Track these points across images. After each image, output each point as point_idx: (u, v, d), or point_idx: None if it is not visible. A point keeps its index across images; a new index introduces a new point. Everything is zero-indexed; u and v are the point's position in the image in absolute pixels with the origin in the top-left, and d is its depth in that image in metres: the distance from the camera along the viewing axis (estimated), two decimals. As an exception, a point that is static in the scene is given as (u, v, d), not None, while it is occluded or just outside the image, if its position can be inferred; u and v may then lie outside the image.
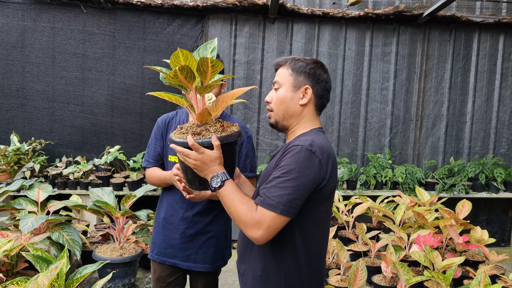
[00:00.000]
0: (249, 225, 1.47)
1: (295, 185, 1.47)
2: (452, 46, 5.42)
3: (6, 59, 4.97)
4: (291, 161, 1.50)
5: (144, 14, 5.04)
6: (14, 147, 4.63)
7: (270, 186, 1.49)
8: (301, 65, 1.68)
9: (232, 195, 1.51)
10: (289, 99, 1.67)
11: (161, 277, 2.39)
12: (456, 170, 5.19)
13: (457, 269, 2.78)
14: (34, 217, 2.61)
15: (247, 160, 2.29)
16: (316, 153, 1.51)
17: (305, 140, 1.55)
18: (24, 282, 1.78)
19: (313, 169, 1.50)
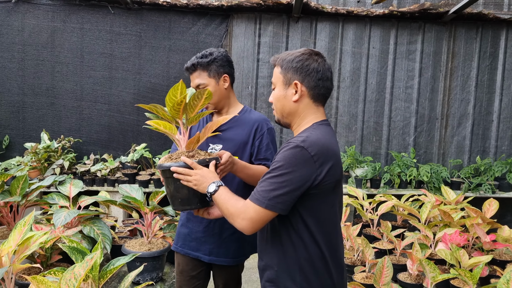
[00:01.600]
0: (235, 215, 1.58)
1: (282, 180, 1.51)
2: (478, 44, 5.35)
3: (36, 59, 5.12)
4: (282, 157, 1.53)
5: (169, 14, 5.12)
6: (44, 144, 4.77)
7: (261, 181, 1.57)
8: (288, 60, 1.66)
9: (224, 195, 1.64)
10: (282, 97, 1.68)
11: (184, 270, 2.44)
12: (482, 169, 5.12)
13: (484, 268, 2.76)
14: (66, 211, 2.69)
15: (268, 151, 2.30)
16: (308, 149, 1.51)
17: (300, 137, 1.56)
18: (61, 272, 1.85)
19: (303, 165, 1.51)
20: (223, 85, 2.29)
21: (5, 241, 2.14)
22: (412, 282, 2.71)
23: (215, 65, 2.25)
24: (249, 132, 2.28)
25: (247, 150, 2.28)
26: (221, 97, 2.30)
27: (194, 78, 2.27)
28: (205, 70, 2.24)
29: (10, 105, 5.17)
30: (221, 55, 2.29)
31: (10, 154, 5.15)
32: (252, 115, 2.33)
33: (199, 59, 2.26)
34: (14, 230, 2.12)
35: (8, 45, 5.09)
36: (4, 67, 5.11)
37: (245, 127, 2.29)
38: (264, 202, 1.52)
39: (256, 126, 2.29)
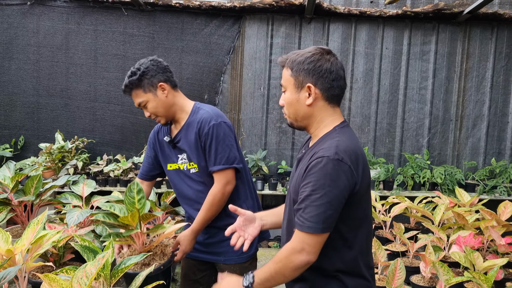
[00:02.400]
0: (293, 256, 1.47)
1: (329, 200, 1.43)
2: (494, 44, 5.28)
3: (51, 60, 5.18)
4: (320, 176, 1.44)
5: (182, 15, 5.14)
6: (58, 145, 4.82)
7: (305, 207, 1.46)
8: (299, 61, 1.56)
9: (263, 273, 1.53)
10: (295, 101, 1.59)
11: (187, 274, 2.44)
12: (498, 171, 5.05)
13: (499, 271, 2.72)
14: (79, 211, 2.71)
15: (211, 152, 2.17)
16: (344, 160, 1.45)
17: (330, 147, 1.48)
18: (72, 271, 1.87)
19: (344, 177, 1.44)
20: (162, 95, 2.18)
21: (18, 240, 2.17)
22: (425, 285, 2.67)
23: (146, 79, 2.15)
24: (195, 135, 2.20)
25: (199, 152, 2.21)
26: (165, 107, 2.20)
27: (134, 98, 2.20)
28: (138, 87, 2.15)
29: (25, 106, 5.24)
30: (150, 65, 2.18)
31: (25, 155, 5.22)
32: (198, 116, 2.21)
33: (129, 78, 2.17)
34: (27, 228, 2.14)
35: (24, 46, 5.15)
36: (20, 69, 5.18)
37: (192, 129, 2.21)
38: (319, 227, 1.43)
39: (198, 127, 2.18)
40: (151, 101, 2.17)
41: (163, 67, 2.23)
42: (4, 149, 5.02)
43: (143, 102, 2.18)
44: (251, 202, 2.41)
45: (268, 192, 4.97)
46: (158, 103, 2.18)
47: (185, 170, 2.29)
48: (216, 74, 5.23)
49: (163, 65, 2.24)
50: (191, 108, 2.26)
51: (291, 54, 1.61)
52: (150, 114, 2.21)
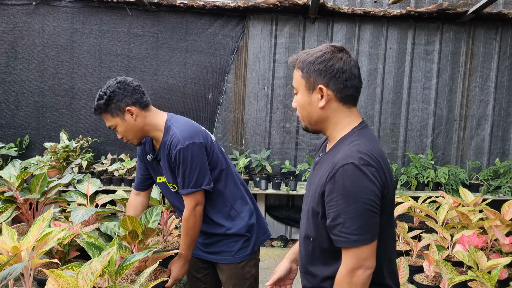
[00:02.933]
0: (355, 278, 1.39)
1: (367, 207, 1.35)
2: (498, 44, 5.27)
3: (56, 60, 5.21)
4: (349, 185, 1.35)
5: (186, 15, 5.16)
6: (63, 144, 4.84)
7: (343, 222, 1.36)
8: (309, 61, 1.47)
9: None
10: (307, 104, 1.50)
11: (190, 272, 2.44)
12: (502, 171, 5.04)
13: (503, 270, 2.71)
14: (84, 209, 2.73)
15: (179, 177, 2.12)
16: (369, 163, 1.37)
17: (351, 153, 1.39)
18: (78, 267, 1.88)
19: (374, 181, 1.36)
20: (131, 119, 2.09)
21: (24, 237, 2.18)
22: (428, 284, 2.68)
23: (113, 104, 2.07)
24: (166, 157, 2.15)
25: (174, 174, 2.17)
26: (134, 130, 2.13)
27: (104, 120, 2.17)
28: (106, 112, 2.10)
29: (30, 105, 5.27)
30: (117, 88, 2.08)
31: (30, 154, 5.25)
32: (167, 138, 2.13)
33: (97, 102, 2.10)
34: (33, 226, 2.16)
35: (29, 46, 5.19)
36: (25, 68, 5.21)
37: (164, 152, 2.15)
38: (366, 238, 1.36)
39: (167, 152, 2.13)
40: (119, 125, 2.12)
41: (131, 89, 2.11)
42: (9, 148, 5.05)
43: (113, 125, 2.14)
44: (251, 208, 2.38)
45: (271, 192, 4.98)
46: (127, 127, 2.11)
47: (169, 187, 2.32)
48: (220, 73, 5.25)
49: (132, 86, 2.12)
50: (163, 125, 2.16)
51: (301, 53, 1.52)
52: (122, 137, 2.18)
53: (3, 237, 2.17)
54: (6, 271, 1.84)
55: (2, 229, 2.19)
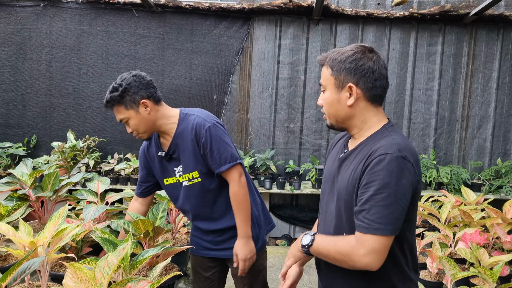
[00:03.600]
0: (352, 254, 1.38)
1: (396, 199, 1.35)
2: (500, 46, 5.33)
3: (63, 61, 5.28)
4: (384, 174, 1.36)
5: (192, 17, 5.23)
6: (70, 144, 4.91)
7: (370, 208, 1.36)
8: (340, 60, 1.50)
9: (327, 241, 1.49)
10: (335, 102, 1.52)
11: (197, 271, 2.45)
12: (504, 171, 5.10)
13: (505, 267, 2.78)
14: (95, 206, 2.80)
15: (213, 155, 2.12)
16: (407, 157, 1.38)
17: (390, 145, 1.41)
18: (94, 262, 1.95)
19: (409, 175, 1.38)
20: (145, 112, 2.12)
21: (40, 233, 2.25)
22: (432, 280, 2.74)
23: (128, 96, 2.09)
24: (192, 142, 2.14)
25: (199, 159, 2.17)
26: (148, 124, 2.15)
27: (116, 114, 2.16)
28: (120, 104, 2.10)
29: (38, 105, 5.34)
30: (133, 81, 2.11)
31: (37, 153, 5.32)
32: (188, 123, 2.16)
33: (110, 93, 2.11)
34: (49, 222, 2.22)
35: (37, 47, 5.26)
36: (33, 69, 5.28)
37: (187, 138, 2.15)
38: (388, 229, 1.34)
39: (194, 133, 2.12)
40: (132, 118, 2.12)
41: (146, 82, 2.15)
42: (17, 147, 5.13)
43: (125, 119, 2.13)
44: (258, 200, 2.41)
45: (276, 191, 5.05)
46: (140, 120, 2.12)
47: (183, 182, 2.26)
48: (225, 74, 5.32)
49: (146, 80, 2.17)
50: (177, 117, 2.21)
51: (331, 52, 1.55)
52: (132, 131, 2.18)
53: (19, 233, 2.24)
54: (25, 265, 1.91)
55: (19, 225, 2.26)
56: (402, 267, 1.49)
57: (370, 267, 1.37)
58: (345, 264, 1.41)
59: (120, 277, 2.09)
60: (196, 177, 2.21)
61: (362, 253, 1.36)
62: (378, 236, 1.34)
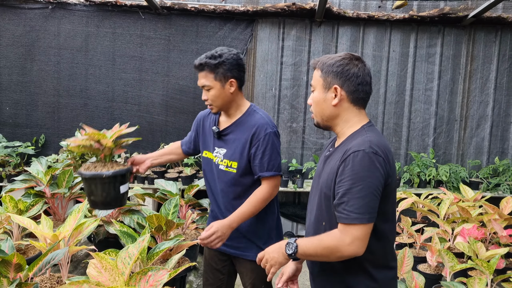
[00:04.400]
0: (339, 246, 1.53)
1: (370, 191, 1.51)
2: (497, 47, 5.46)
3: (71, 62, 5.40)
4: (358, 169, 1.53)
5: (197, 19, 5.35)
6: (79, 143, 5.02)
7: (348, 200, 1.52)
8: (329, 64, 1.67)
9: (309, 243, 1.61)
10: (322, 101, 1.69)
11: (209, 263, 2.51)
12: (501, 170, 5.23)
13: (501, 260, 2.90)
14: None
15: (264, 159, 2.22)
16: (378, 153, 1.55)
17: (363, 142, 1.57)
18: (115, 253, 2.07)
19: (380, 169, 1.54)
20: (229, 90, 2.22)
21: (60, 226, 2.38)
22: (431, 272, 2.87)
23: (222, 68, 2.18)
24: (247, 137, 2.24)
25: (245, 155, 2.26)
26: (225, 101, 2.25)
27: (201, 78, 2.23)
28: (211, 72, 2.18)
29: (46, 105, 5.46)
30: (231, 58, 2.20)
31: (45, 152, 5.44)
32: (253, 118, 2.27)
33: (207, 59, 2.19)
34: (69, 216, 2.35)
35: (45, 49, 5.38)
36: (41, 70, 5.40)
37: (245, 131, 2.26)
38: (365, 217, 1.51)
39: (254, 131, 2.23)
40: (215, 89, 2.20)
41: (242, 65, 2.26)
42: (26, 146, 5.24)
43: (208, 87, 2.21)
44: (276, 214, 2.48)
45: (279, 189, 5.16)
46: (220, 94, 2.21)
47: (217, 164, 2.34)
48: (229, 75, 5.43)
49: (242, 63, 2.27)
50: (246, 108, 2.31)
51: (323, 57, 1.72)
52: (207, 99, 2.26)
53: (41, 226, 2.37)
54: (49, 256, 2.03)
55: (41, 219, 2.38)
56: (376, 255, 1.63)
57: (356, 253, 1.53)
58: (333, 256, 1.56)
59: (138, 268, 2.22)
60: (233, 167, 2.28)
61: (347, 242, 1.52)
62: (358, 225, 1.51)
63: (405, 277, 2.57)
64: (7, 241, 2.14)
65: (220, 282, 2.50)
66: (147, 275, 1.82)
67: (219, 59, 2.18)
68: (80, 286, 1.70)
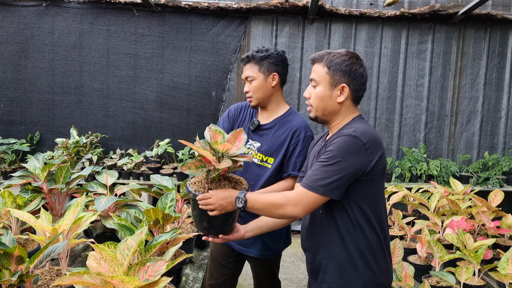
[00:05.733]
0: (285, 204, 1.66)
1: (337, 168, 1.61)
2: (487, 44, 5.55)
3: (66, 59, 5.43)
4: (335, 148, 1.63)
5: (191, 16, 5.39)
6: (73, 140, 5.06)
7: (314, 170, 1.65)
8: (337, 62, 1.72)
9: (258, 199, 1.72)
10: (327, 97, 1.74)
11: (215, 258, 2.59)
12: (491, 164, 5.33)
13: (488, 251, 2.99)
14: (106, 198, 2.97)
15: (298, 159, 2.32)
16: (360, 137, 1.62)
17: (349, 129, 1.67)
18: (114, 245, 2.13)
19: (357, 153, 1.61)
20: (271, 83, 2.34)
21: (59, 220, 2.42)
22: (421, 263, 2.94)
23: (267, 61, 2.32)
24: (287, 136, 2.32)
25: (282, 152, 2.32)
26: (266, 94, 2.35)
27: (246, 70, 2.36)
28: (257, 64, 2.32)
29: (41, 103, 5.48)
30: (276, 53, 2.35)
31: (40, 149, 5.47)
32: (294, 119, 2.37)
33: (254, 52, 2.35)
34: (68, 210, 2.40)
35: (39, 46, 5.40)
36: (36, 67, 5.42)
37: (285, 129, 2.34)
38: (319, 189, 1.62)
39: (295, 130, 2.32)
40: (258, 80, 2.32)
41: (286, 63, 2.40)
42: (21, 143, 5.27)
43: (251, 77, 2.33)
44: None
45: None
46: (262, 86, 2.33)
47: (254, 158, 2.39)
48: (223, 72, 5.49)
49: (286, 62, 2.41)
50: (286, 109, 2.41)
51: (325, 53, 1.76)
52: (248, 91, 2.37)
53: (41, 220, 2.41)
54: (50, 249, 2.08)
55: (41, 213, 2.43)
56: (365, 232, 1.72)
57: (298, 215, 1.67)
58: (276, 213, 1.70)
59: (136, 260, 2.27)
60: (269, 163, 2.35)
61: (294, 203, 1.65)
62: (310, 192, 1.63)
63: (395, 267, 2.64)
64: (8, 235, 2.19)
65: (225, 277, 2.56)
66: (145, 266, 1.88)
67: (265, 53, 2.33)
68: (81, 277, 1.75)
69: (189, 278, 3.26)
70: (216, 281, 2.57)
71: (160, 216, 2.60)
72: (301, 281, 4.00)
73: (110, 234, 3.10)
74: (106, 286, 1.76)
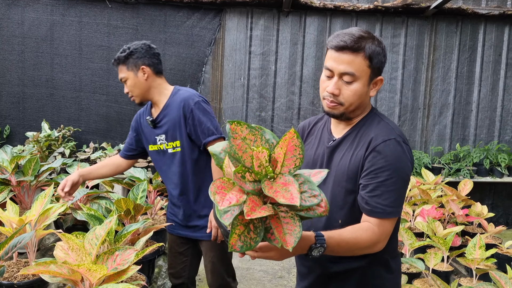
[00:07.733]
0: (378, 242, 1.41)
1: (403, 183, 1.43)
2: (458, 38, 5.65)
3: (36, 51, 5.31)
4: (391, 159, 1.40)
5: (165, 8, 5.33)
6: (45, 133, 4.96)
7: (381, 193, 1.39)
8: (377, 52, 1.45)
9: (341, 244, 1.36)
10: (365, 94, 1.48)
11: (172, 247, 2.63)
12: (462, 156, 5.44)
13: (457, 238, 3.06)
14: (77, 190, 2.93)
15: (202, 126, 2.32)
16: (406, 141, 1.47)
17: (388, 130, 1.47)
18: (82, 235, 2.10)
19: (410, 158, 1.47)
20: (142, 77, 2.35)
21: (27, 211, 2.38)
22: (392, 251, 3.00)
23: (132, 58, 2.34)
24: (179, 113, 2.34)
25: (183, 130, 2.35)
26: (143, 89, 2.37)
27: (119, 73, 2.40)
28: (123, 64, 2.35)
29: (11, 96, 5.35)
30: (140, 47, 2.36)
31: (10, 143, 5.32)
32: (178, 96, 2.38)
33: (119, 54, 2.37)
34: (35, 201, 2.35)
35: (8, 37, 5.26)
36: (5, 59, 5.29)
37: (175, 109, 2.36)
38: (398, 211, 1.43)
39: (183, 105, 2.33)
40: (130, 79, 2.35)
41: (152, 53, 2.40)
42: (-10, 137, 5.14)
43: (124, 78, 2.37)
44: None
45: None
46: (136, 83, 2.35)
47: (165, 150, 2.44)
48: (198, 64, 5.46)
49: (153, 51, 2.42)
50: (171, 91, 2.43)
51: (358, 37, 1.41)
52: (128, 91, 2.42)
53: (7, 212, 2.36)
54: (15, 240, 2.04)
55: (7, 205, 2.38)
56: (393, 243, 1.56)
57: (382, 248, 1.43)
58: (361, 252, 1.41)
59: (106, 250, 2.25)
60: (178, 146, 2.39)
61: (384, 237, 1.41)
62: (391, 219, 1.42)
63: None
64: (-28, 227, 2.13)
65: (183, 265, 2.60)
66: (114, 255, 1.86)
67: (127, 51, 2.35)
68: (47, 266, 1.72)
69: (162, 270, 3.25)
70: (174, 269, 2.63)
71: (131, 207, 2.58)
72: (276, 272, 4.01)
73: (81, 227, 3.07)
74: (73, 275, 1.74)
